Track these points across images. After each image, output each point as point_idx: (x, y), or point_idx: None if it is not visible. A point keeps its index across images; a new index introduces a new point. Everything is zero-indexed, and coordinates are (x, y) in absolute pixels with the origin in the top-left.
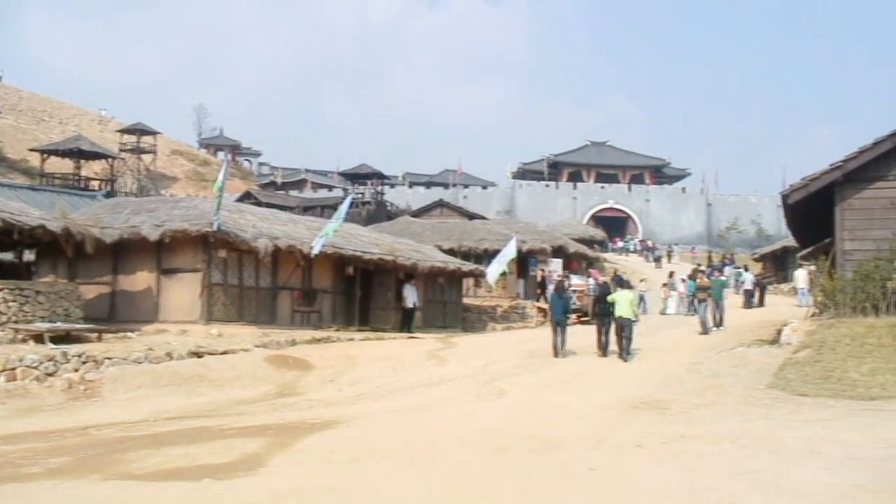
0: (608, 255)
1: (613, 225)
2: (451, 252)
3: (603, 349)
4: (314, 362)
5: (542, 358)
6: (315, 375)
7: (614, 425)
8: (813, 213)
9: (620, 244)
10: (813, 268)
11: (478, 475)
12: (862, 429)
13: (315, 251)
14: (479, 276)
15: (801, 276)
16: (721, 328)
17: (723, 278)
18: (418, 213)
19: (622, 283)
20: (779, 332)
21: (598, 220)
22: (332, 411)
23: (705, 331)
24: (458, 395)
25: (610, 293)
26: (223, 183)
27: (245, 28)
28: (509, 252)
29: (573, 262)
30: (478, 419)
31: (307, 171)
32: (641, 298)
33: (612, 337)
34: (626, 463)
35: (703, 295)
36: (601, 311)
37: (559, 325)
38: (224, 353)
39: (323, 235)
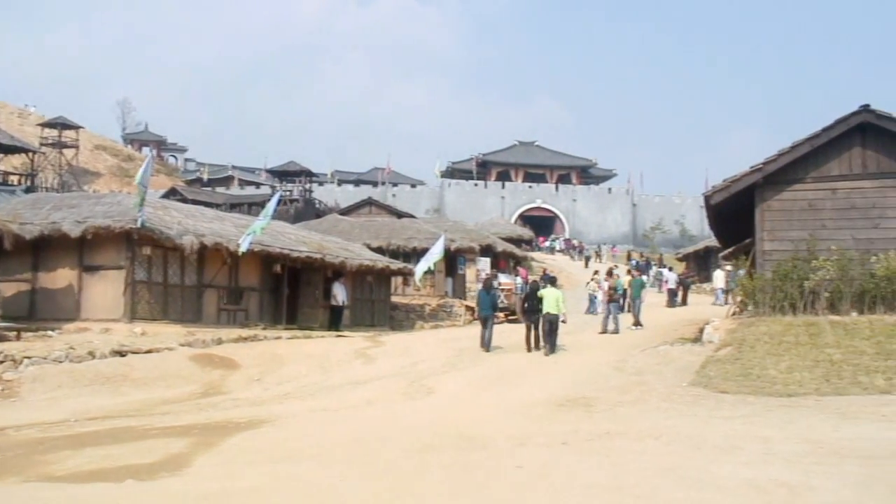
0: (536, 255)
1: (541, 224)
2: (379, 250)
3: (530, 345)
4: (240, 361)
5: (470, 356)
6: (241, 374)
7: (541, 423)
8: (734, 214)
9: (546, 243)
10: (729, 268)
11: (405, 474)
12: (779, 425)
13: (242, 249)
14: (407, 275)
15: (718, 276)
16: (639, 328)
17: (643, 278)
18: (347, 212)
19: (550, 280)
20: (701, 330)
21: (525, 219)
22: (259, 411)
23: (604, 330)
24: (386, 394)
25: (539, 291)
26: (146, 178)
27: (171, 22)
28: (437, 250)
29: (501, 261)
30: (406, 418)
31: (234, 167)
32: (592, 301)
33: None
34: (553, 460)
35: (613, 295)
36: (530, 308)
37: (487, 320)
38: (148, 351)
39: (250, 233)
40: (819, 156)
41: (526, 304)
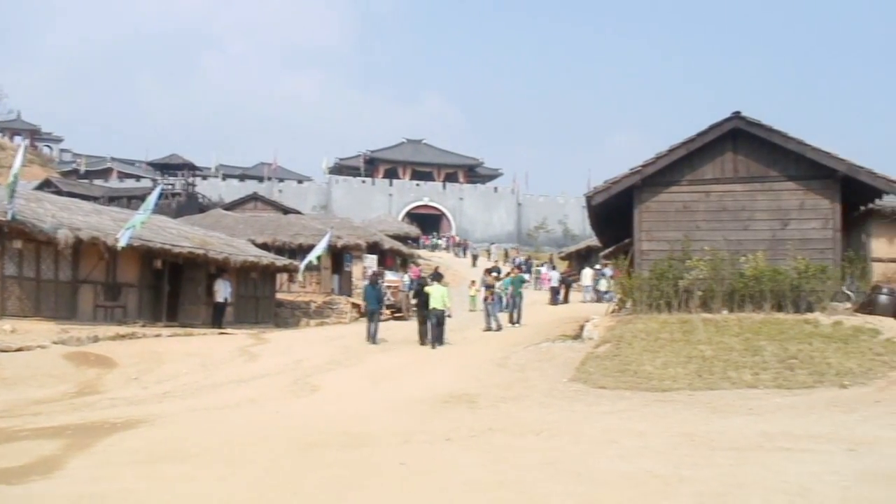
0: (423, 252)
1: (428, 222)
2: (264, 247)
3: (423, 338)
4: (118, 359)
5: (356, 353)
6: (118, 373)
7: (425, 420)
8: (615, 215)
9: (430, 241)
10: (598, 266)
11: (287, 473)
12: (655, 419)
13: (121, 244)
14: (293, 272)
15: (587, 274)
16: (519, 325)
17: (523, 275)
18: (231, 207)
19: (437, 277)
20: (582, 327)
21: (413, 217)
22: (137, 410)
23: (489, 327)
24: (269, 392)
25: (427, 287)
26: (19, 169)
27: (46, 4)
28: (323, 246)
29: (388, 259)
30: (289, 416)
31: (113, 159)
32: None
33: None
34: (436, 457)
35: (489, 293)
36: (420, 303)
37: (373, 314)
38: (19, 349)
39: (129, 227)
40: (694, 159)
41: (416, 300)
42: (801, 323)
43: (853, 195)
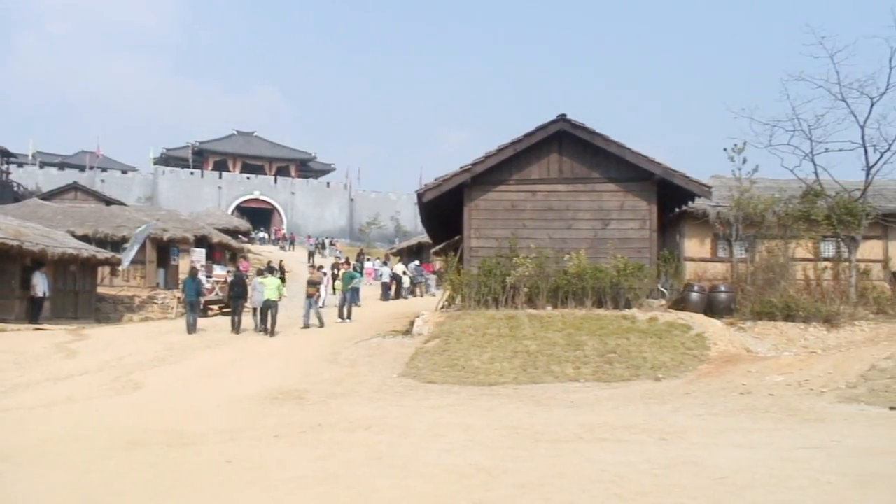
0: (253, 247)
1: (259, 216)
2: (85, 238)
3: (236, 328)
4: None
5: (182, 349)
6: None
7: (253, 416)
8: (445, 212)
9: (259, 235)
10: (380, 260)
11: (107, 473)
12: (481, 413)
13: None
14: (115, 265)
15: (385, 271)
16: (348, 320)
17: (350, 271)
18: (50, 196)
19: (271, 270)
20: (412, 323)
21: (243, 210)
22: None
23: (306, 325)
24: (89, 390)
25: (243, 281)
26: None
27: None
28: (141, 238)
29: (217, 253)
30: (110, 414)
31: None
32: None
33: (244, 318)
34: (263, 454)
35: (312, 290)
36: (235, 295)
37: (193, 305)
38: None
39: None
40: (522, 159)
41: (231, 292)
42: (620, 319)
43: (669, 198)
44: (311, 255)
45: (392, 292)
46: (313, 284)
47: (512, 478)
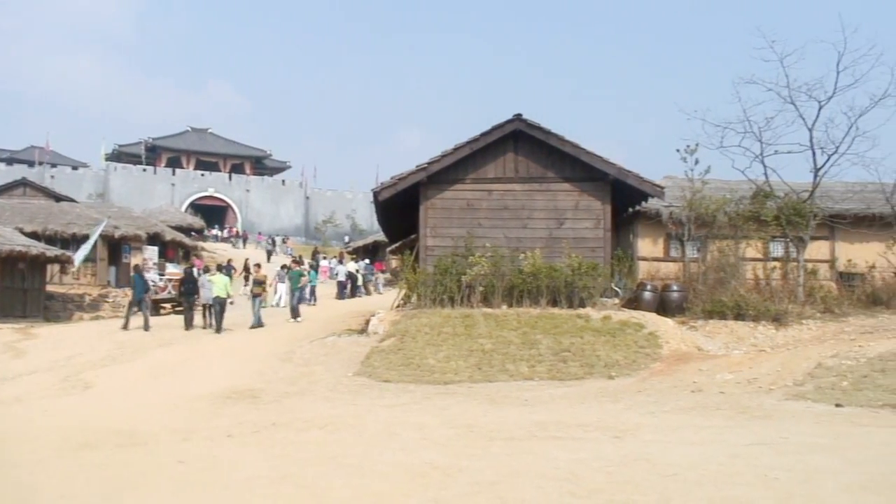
0: (207, 244)
1: (213, 214)
2: (34, 235)
3: (188, 324)
4: None
5: (134, 348)
6: None
7: (207, 416)
8: (401, 211)
9: (213, 232)
10: (335, 259)
11: (56, 475)
12: (436, 411)
13: None
14: (65, 262)
15: (341, 270)
16: (298, 319)
17: (301, 269)
18: None
19: (219, 268)
20: (367, 321)
21: (197, 208)
22: None
23: (258, 324)
24: (38, 390)
25: (193, 277)
26: None
27: None
28: (96, 235)
29: (170, 250)
30: (60, 415)
31: None
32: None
33: (196, 314)
34: (217, 454)
35: (258, 289)
36: (186, 292)
37: (140, 301)
38: None
39: None
40: (478, 159)
41: (182, 288)
42: (574, 317)
43: (623, 198)
44: (269, 253)
45: (348, 291)
46: (259, 284)
47: (467, 476)
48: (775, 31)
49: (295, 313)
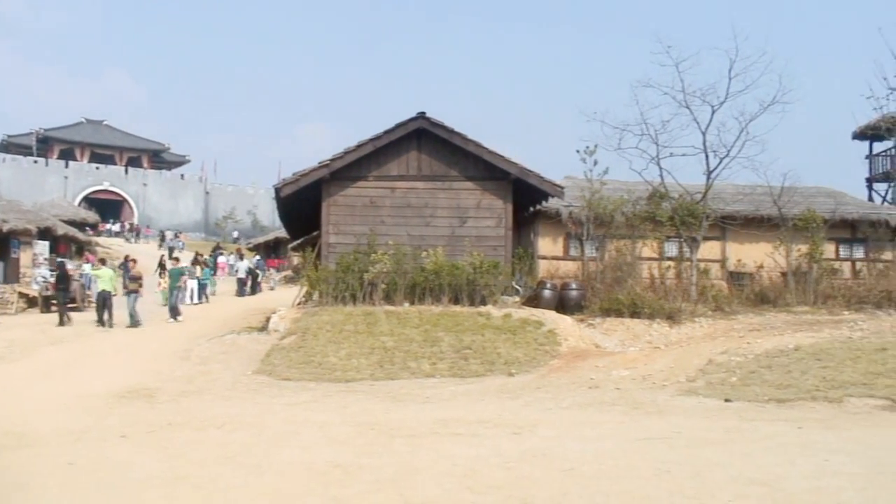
0: (101, 240)
1: (108, 208)
2: None
3: (64, 322)
4: None
5: (23, 346)
6: None
7: (100, 416)
8: (304, 207)
9: (108, 227)
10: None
11: None
12: (337, 409)
13: None
14: None
15: (242, 266)
16: (178, 319)
17: (181, 266)
18: None
19: (103, 261)
20: (268, 319)
21: (92, 202)
22: None
23: (134, 323)
24: None
25: (67, 274)
26: None
27: None
28: None
29: (61, 245)
30: None
31: None
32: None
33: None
34: (109, 455)
35: (135, 286)
36: (61, 288)
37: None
38: None
39: None
40: (381, 156)
41: (58, 286)
42: (476, 315)
43: (524, 197)
44: (171, 250)
45: (248, 288)
46: (135, 280)
47: (368, 473)
48: (672, 37)
49: (175, 312)
